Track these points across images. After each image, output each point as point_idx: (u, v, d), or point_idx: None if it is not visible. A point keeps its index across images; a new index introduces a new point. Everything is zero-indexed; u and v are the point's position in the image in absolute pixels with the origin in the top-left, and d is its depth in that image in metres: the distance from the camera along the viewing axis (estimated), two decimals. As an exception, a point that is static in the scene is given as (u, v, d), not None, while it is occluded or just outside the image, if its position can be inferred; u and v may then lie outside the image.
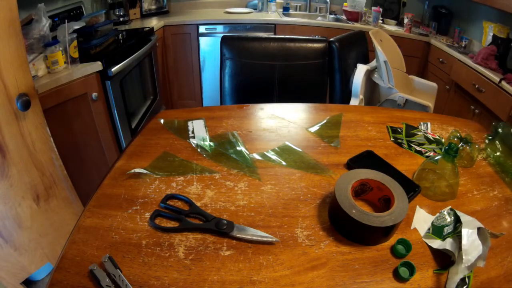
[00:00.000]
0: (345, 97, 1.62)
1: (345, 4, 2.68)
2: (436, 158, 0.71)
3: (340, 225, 0.59)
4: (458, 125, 1.00)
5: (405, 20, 2.42)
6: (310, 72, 1.33)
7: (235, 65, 1.30)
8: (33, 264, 1.22)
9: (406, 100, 1.57)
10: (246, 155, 0.79)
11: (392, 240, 0.58)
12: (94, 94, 1.49)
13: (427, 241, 0.58)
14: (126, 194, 0.66)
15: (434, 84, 1.73)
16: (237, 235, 0.57)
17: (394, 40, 1.79)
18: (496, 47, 1.86)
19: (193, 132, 0.88)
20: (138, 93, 2.05)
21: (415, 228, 0.61)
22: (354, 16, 2.60)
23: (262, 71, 1.31)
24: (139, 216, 0.61)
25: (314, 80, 1.35)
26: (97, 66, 1.48)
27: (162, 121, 0.93)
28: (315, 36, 1.34)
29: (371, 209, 0.65)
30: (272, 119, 0.98)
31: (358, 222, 0.54)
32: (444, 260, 0.55)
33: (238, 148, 0.81)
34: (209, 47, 2.57)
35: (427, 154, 0.84)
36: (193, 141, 0.84)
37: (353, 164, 0.77)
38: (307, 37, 1.39)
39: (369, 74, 1.66)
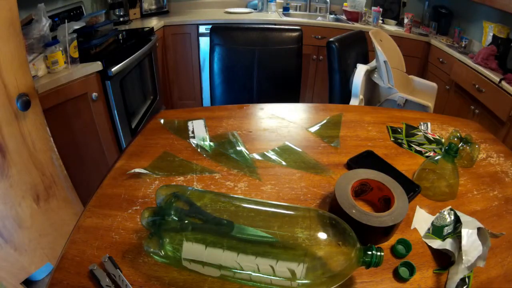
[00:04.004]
0: (345, 97, 1.62)
1: (345, 4, 2.68)
2: (436, 158, 0.71)
3: (340, 225, 0.59)
4: (458, 125, 1.00)
5: (405, 20, 2.42)
6: (285, 56, 1.52)
7: (221, 50, 1.50)
8: (33, 264, 1.22)
9: (406, 100, 1.57)
10: (246, 155, 0.79)
11: (392, 240, 0.58)
12: (94, 94, 1.49)
13: (427, 241, 0.58)
14: (126, 194, 0.66)
15: (434, 84, 1.73)
16: (237, 235, 0.57)
17: (394, 40, 1.79)
18: (496, 47, 1.86)
19: (193, 132, 0.88)
20: (138, 93, 2.04)
21: (415, 228, 0.61)
22: (354, 16, 2.60)
23: (244, 54, 1.51)
24: (139, 216, 0.60)
25: (289, 62, 1.53)
26: (97, 66, 1.48)
27: (162, 121, 0.93)
28: (291, 27, 1.54)
29: (371, 209, 0.65)
30: (272, 119, 0.98)
31: (358, 222, 0.54)
32: (444, 260, 0.55)
33: (238, 148, 0.81)
34: (209, 47, 2.57)
35: (427, 154, 0.84)
36: (193, 141, 0.84)
37: (353, 164, 0.77)
38: (283, 26, 1.56)
39: (369, 74, 1.66)
